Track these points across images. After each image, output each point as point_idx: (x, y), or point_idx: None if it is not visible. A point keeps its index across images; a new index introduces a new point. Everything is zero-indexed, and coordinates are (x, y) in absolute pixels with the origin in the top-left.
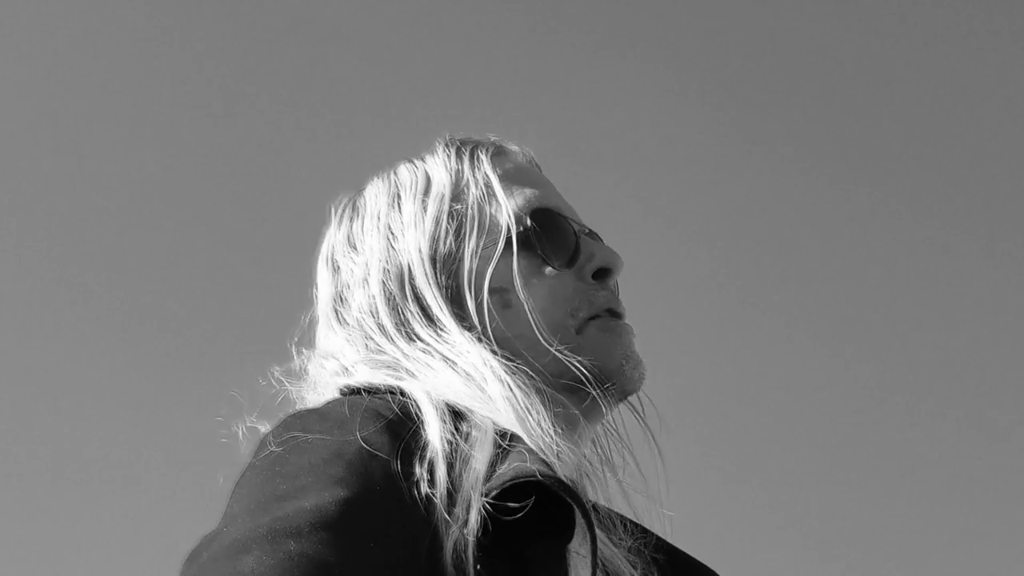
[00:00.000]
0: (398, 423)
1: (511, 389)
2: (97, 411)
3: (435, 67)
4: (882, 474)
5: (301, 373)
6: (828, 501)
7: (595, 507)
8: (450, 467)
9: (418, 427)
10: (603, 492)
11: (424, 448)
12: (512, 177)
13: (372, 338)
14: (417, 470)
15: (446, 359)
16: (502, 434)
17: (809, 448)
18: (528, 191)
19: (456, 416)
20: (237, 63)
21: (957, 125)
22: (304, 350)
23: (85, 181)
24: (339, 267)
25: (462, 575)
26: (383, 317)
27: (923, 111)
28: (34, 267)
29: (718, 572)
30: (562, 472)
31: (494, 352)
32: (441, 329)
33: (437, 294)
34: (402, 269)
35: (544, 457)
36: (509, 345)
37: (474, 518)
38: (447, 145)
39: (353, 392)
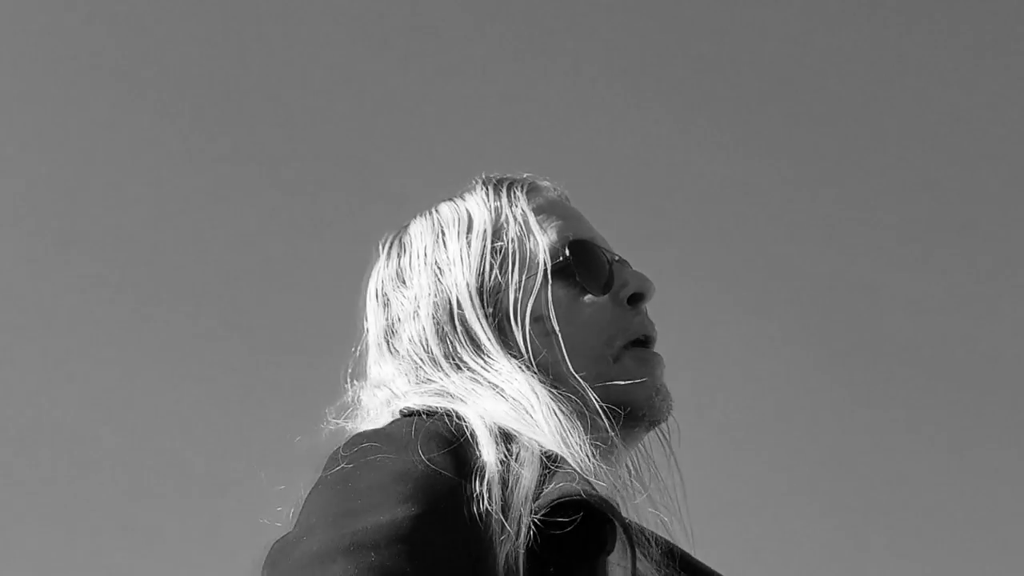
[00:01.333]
0: (457, 444)
1: (555, 414)
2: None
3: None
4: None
5: (354, 403)
6: (854, 519)
7: (629, 524)
8: (502, 485)
9: (474, 448)
10: (634, 510)
11: (480, 468)
12: (547, 211)
13: (422, 367)
14: (476, 488)
15: (493, 386)
16: (547, 456)
17: (830, 466)
18: (562, 223)
19: (506, 438)
20: (295, 101)
21: None
22: (356, 381)
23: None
24: (389, 301)
25: None
26: (433, 347)
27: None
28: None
29: None
30: (602, 491)
31: (539, 380)
32: (488, 358)
33: (485, 324)
34: (450, 302)
35: (586, 477)
36: (552, 371)
37: (524, 533)
38: (484, 183)
39: (411, 414)
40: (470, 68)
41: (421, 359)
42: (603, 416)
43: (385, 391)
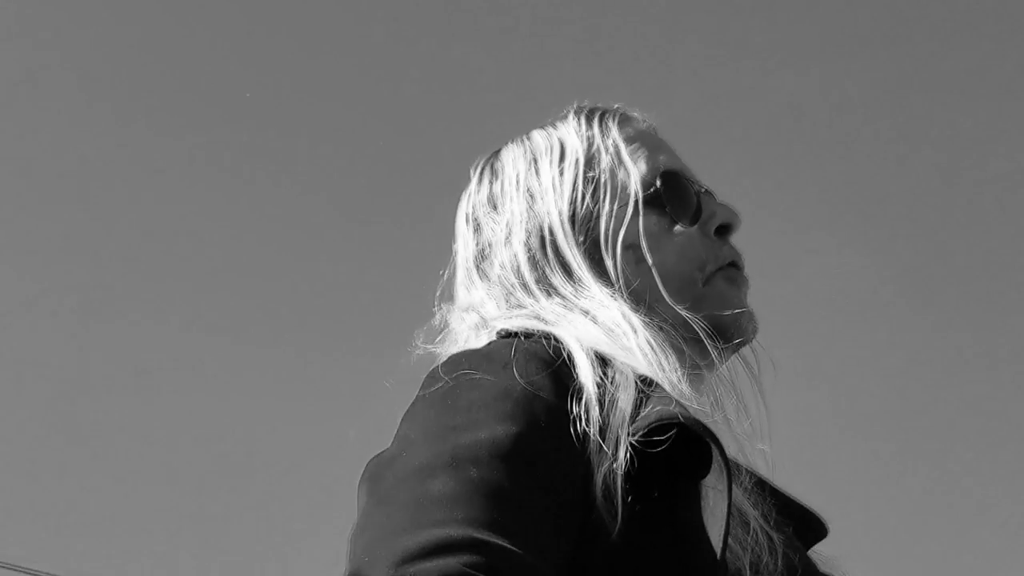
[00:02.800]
0: (555, 366)
1: (648, 342)
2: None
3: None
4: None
5: (442, 327)
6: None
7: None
8: (600, 407)
9: (571, 370)
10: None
11: (578, 390)
12: (638, 141)
13: (513, 293)
14: (575, 409)
15: (586, 312)
16: (642, 380)
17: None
18: (653, 154)
19: (601, 361)
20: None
21: None
22: (444, 305)
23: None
24: (480, 226)
25: (610, 504)
26: (525, 272)
27: None
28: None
29: (823, 517)
30: (697, 416)
31: (631, 307)
32: (580, 285)
33: (576, 252)
34: (543, 229)
35: (681, 401)
36: (643, 299)
37: (623, 454)
38: (576, 112)
39: (508, 335)
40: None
41: (512, 284)
42: (697, 342)
43: (474, 315)
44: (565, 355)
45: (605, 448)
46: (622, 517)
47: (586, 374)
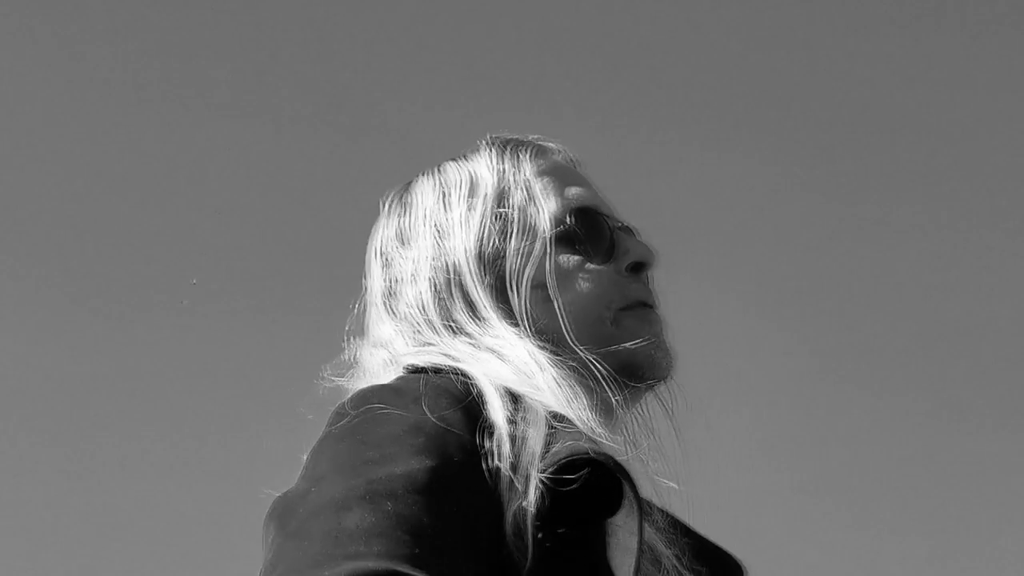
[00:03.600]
0: (466, 402)
1: (555, 380)
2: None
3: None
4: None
5: (353, 362)
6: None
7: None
8: (511, 444)
9: (481, 406)
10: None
11: (489, 425)
12: (552, 176)
13: (421, 331)
14: (486, 445)
15: (492, 351)
16: (554, 416)
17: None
18: (567, 190)
19: (512, 398)
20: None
21: None
22: (354, 339)
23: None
24: (390, 261)
25: (521, 541)
26: (431, 311)
27: None
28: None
29: (740, 560)
30: (609, 452)
31: (538, 346)
32: (486, 324)
33: (483, 291)
34: (449, 267)
35: (592, 437)
36: (552, 338)
37: (533, 491)
38: (490, 144)
39: (418, 371)
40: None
41: (419, 322)
42: (607, 381)
43: (384, 352)
44: (475, 392)
45: (516, 485)
46: (532, 555)
47: (496, 410)
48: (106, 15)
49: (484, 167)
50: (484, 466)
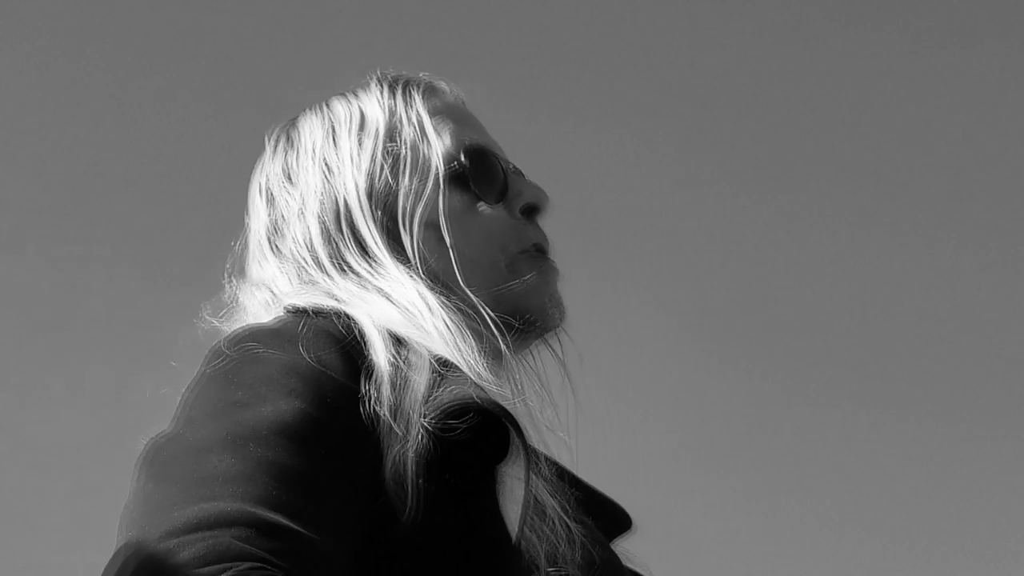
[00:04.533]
0: (346, 344)
1: (445, 322)
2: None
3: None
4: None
5: (232, 302)
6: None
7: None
8: (394, 388)
9: (363, 348)
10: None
11: (369, 367)
12: (443, 114)
13: (306, 269)
14: (364, 389)
15: (380, 291)
16: (439, 361)
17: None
18: (459, 128)
19: (396, 341)
20: None
21: None
22: (235, 279)
23: None
24: (274, 198)
25: (401, 489)
26: (318, 248)
27: None
28: None
29: (626, 508)
30: (496, 399)
31: (428, 287)
32: (376, 263)
33: (373, 229)
34: (338, 203)
35: (479, 383)
36: (443, 279)
37: (413, 436)
38: (379, 81)
39: (298, 312)
40: None
41: (305, 260)
42: (495, 326)
43: (265, 291)
44: (357, 333)
45: (396, 430)
46: (413, 503)
47: (379, 353)
48: None
49: (375, 103)
50: (362, 410)
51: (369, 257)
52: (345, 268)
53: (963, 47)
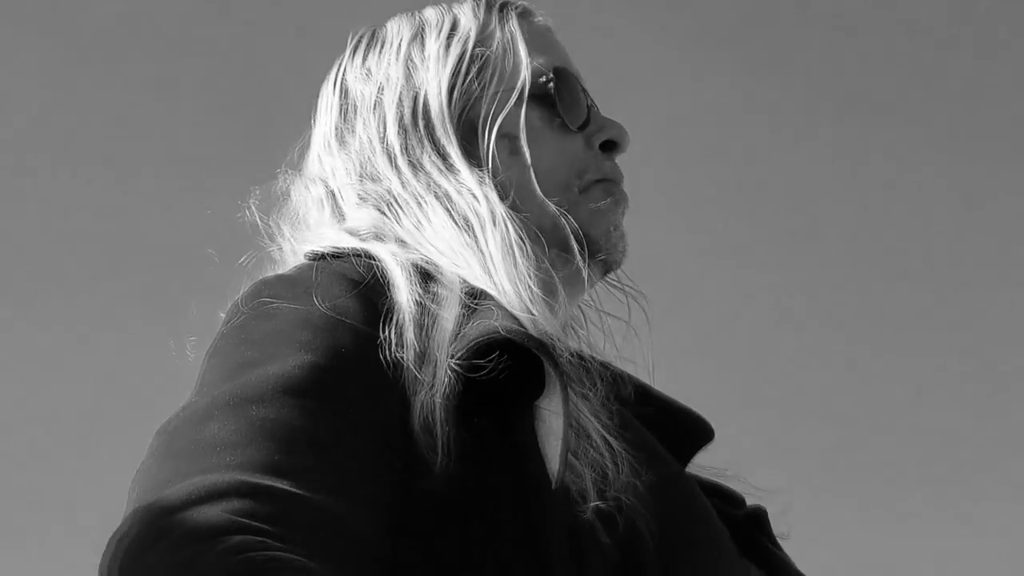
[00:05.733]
0: (365, 287)
1: (505, 236)
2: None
3: None
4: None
5: (283, 195)
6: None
7: (580, 355)
8: (420, 329)
9: (385, 289)
10: (583, 346)
11: (392, 311)
12: (536, 36)
13: (373, 160)
14: (384, 333)
15: (445, 198)
16: (470, 292)
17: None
18: (550, 51)
19: (425, 277)
20: None
21: None
22: (289, 171)
23: None
24: (348, 90)
25: (430, 437)
26: (391, 138)
27: None
28: None
29: (707, 419)
30: (534, 327)
31: (500, 197)
32: (448, 162)
33: (450, 128)
34: (418, 97)
35: (514, 312)
36: (513, 193)
37: (440, 379)
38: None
39: (319, 258)
40: None
41: (374, 151)
42: (560, 245)
43: (321, 186)
44: (378, 272)
45: (423, 375)
46: (444, 450)
47: (401, 291)
48: None
49: (470, 13)
50: (383, 356)
51: (440, 154)
52: (415, 164)
53: None
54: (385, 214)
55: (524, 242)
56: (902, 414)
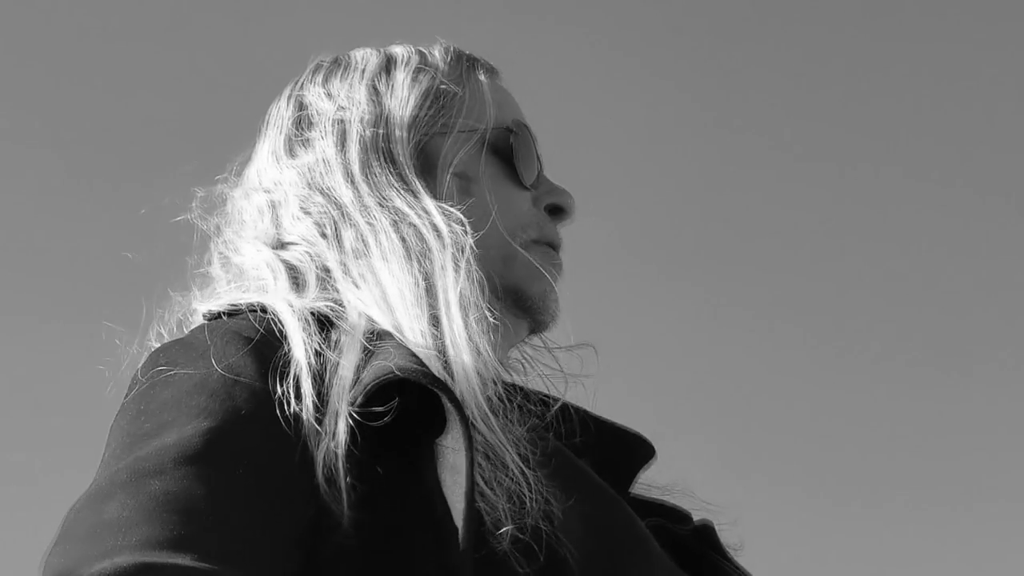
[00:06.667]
0: (261, 343)
1: (456, 258)
2: None
3: None
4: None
5: (219, 201)
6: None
7: (517, 387)
8: (319, 379)
9: (282, 342)
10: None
11: (288, 364)
12: (502, 92)
13: (325, 175)
14: (281, 388)
15: (402, 217)
16: (372, 334)
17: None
18: (512, 107)
19: (325, 323)
20: None
21: None
22: (231, 179)
23: None
24: (306, 105)
25: (335, 489)
26: (351, 155)
27: None
28: None
29: (649, 439)
30: (433, 363)
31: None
32: (408, 186)
33: (410, 155)
34: (379, 120)
35: (415, 350)
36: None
37: (342, 428)
38: (446, 49)
39: (215, 317)
40: None
41: (328, 166)
42: (500, 291)
43: (263, 196)
44: (273, 326)
45: (319, 428)
46: (349, 501)
47: (297, 344)
48: None
49: (438, 55)
50: (284, 412)
51: (401, 179)
52: (373, 183)
53: None
54: (324, 230)
55: (473, 275)
56: (868, 420)
